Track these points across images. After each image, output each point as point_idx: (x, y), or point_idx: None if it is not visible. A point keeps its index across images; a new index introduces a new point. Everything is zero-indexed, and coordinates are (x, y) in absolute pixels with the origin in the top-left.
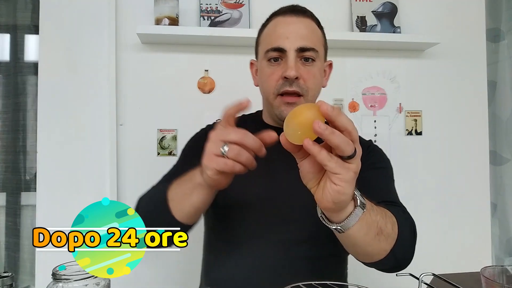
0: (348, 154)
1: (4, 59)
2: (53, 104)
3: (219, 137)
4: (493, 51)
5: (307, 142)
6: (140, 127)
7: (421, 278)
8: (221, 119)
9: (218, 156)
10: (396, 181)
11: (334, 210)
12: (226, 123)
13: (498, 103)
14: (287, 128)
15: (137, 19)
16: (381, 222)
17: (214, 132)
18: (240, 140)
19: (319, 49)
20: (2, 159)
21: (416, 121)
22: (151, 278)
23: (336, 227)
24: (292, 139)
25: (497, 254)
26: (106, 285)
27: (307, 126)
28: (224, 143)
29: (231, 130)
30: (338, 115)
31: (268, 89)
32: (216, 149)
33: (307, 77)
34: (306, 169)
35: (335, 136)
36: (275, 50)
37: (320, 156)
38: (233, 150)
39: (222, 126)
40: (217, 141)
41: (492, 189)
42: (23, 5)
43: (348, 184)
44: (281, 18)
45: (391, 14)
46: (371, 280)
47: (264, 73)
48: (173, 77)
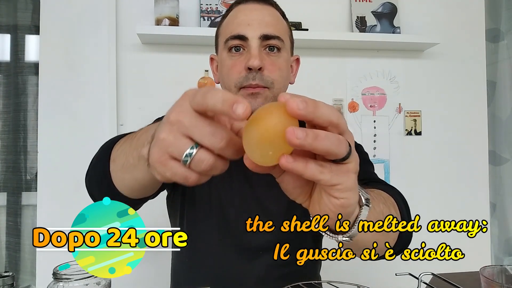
0: (342, 156)
1: (5, 59)
2: (54, 104)
3: (184, 130)
4: (492, 51)
5: (285, 161)
6: (140, 127)
7: (421, 277)
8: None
9: (176, 161)
10: (396, 181)
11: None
12: (202, 112)
13: (497, 103)
14: (250, 150)
15: (137, 20)
16: (385, 209)
17: (177, 118)
18: (220, 148)
19: (285, 38)
20: (3, 159)
21: (415, 121)
22: (151, 278)
23: (343, 239)
24: (263, 163)
25: (496, 254)
26: (106, 285)
27: (277, 141)
28: (191, 144)
29: (207, 125)
30: (314, 108)
31: (230, 82)
32: (176, 151)
33: (272, 68)
34: (290, 185)
35: (320, 140)
36: (236, 37)
37: (309, 173)
38: (203, 163)
39: (192, 112)
40: (179, 136)
41: (491, 189)
42: (23, 5)
43: (352, 192)
44: (243, 6)
45: (391, 14)
46: (371, 280)
47: (225, 65)
48: (173, 77)
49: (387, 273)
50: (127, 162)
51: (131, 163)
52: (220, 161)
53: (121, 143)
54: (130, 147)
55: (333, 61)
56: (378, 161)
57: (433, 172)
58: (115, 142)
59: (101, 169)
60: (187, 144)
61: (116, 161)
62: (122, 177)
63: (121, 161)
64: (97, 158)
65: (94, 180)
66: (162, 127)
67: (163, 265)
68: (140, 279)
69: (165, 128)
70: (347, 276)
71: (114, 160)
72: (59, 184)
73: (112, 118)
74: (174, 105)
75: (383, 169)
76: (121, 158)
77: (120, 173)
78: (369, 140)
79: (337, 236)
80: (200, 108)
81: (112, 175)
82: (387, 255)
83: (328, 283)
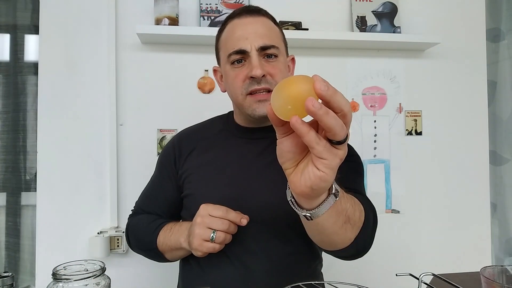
0: (340, 139)
1: (4, 59)
2: (53, 104)
3: (207, 225)
4: (493, 51)
5: (295, 121)
6: (140, 127)
7: (421, 278)
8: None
9: (207, 241)
10: (397, 181)
11: (309, 196)
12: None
13: (498, 103)
14: (275, 99)
15: (137, 19)
16: (350, 210)
17: (202, 220)
18: (227, 229)
19: (279, 45)
20: (2, 159)
21: (416, 121)
22: (151, 278)
23: (306, 213)
24: (280, 113)
25: (497, 254)
26: (106, 285)
27: (298, 102)
28: (212, 231)
29: (217, 220)
30: (334, 94)
31: (236, 90)
32: (206, 235)
33: (274, 72)
34: (286, 147)
35: (329, 117)
36: (237, 53)
37: (308, 137)
38: (221, 237)
39: (208, 216)
40: (205, 229)
41: (492, 189)
42: (23, 5)
43: (332, 171)
44: (237, 20)
45: (391, 14)
46: (371, 280)
47: (229, 76)
48: (173, 77)
49: (387, 273)
50: (172, 249)
51: (175, 249)
52: (228, 235)
53: (161, 240)
54: (170, 242)
55: (333, 61)
56: (379, 161)
57: (433, 172)
58: (150, 238)
59: (153, 254)
60: (210, 232)
61: (162, 247)
62: (170, 255)
63: (167, 250)
64: (142, 249)
65: (140, 250)
66: (195, 226)
67: (162, 265)
68: (140, 279)
69: (196, 227)
70: (347, 276)
71: (160, 246)
72: (59, 184)
73: (112, 118)
74: (197, 214)
75: (384, 169)
76: (167, 249)
77: (169, 254)
78: (369, 140)
79: (302, 210)
80: (222, 216)
81: (165, 255)
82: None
83: (328, 283)
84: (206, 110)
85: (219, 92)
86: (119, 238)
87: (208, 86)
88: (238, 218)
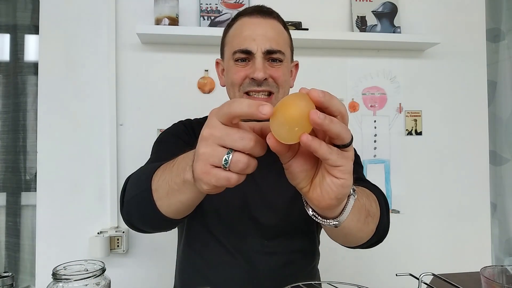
0: (347, 141)
1: (4, 59)
2: (53, 104)
3: (218, 141)
4: (493, 51)
5: (306, 138)
6: (140, 127)
7: (421, 278)
8: (217, 115)
9: (218, 168)
10: (397, 181)
11: (335, 206)
12: (229, 122)
13: (498, 103)
14: (278, 129)
15: (137, 19)
16: (367, 203)
17: (210, 132)
18: (250, 148)
19: (286, 51)
20: (2, 159)
21: (416, 121)
22: (151, 278)
23: (333, 222)
24: (289, 139)
25: (497, 254)
26: (106, 285)
27: (303, 120)
28: (226, 150)
29: (235, 132)
30: (330, 98)
31: (234, 86)
32: (216, 159)
33: (276, 75)
34: (298, 168)
35: (334, 124)
36: (243, 52)
37: (322, 151)
38: (240, 163)
39: (221, 125)
40: (215, 147)
41: (492, 189)
42: (23, 5)
43: (350, 175)
44: (248, 18)
45: (391, 14)
46: (371, 280)
47: (230, 71)
48: (173, 77)
49: (387, 273)
50: (171, 189)
51: (176, 189)
52: (252, 159)
53: (159, 173)
54: (171, 174)
55: (333, 61)
56: (379, 161)
57: (433, 172)
58: (147, 174)
59: (143, 199)
60: (223, 152)
61: (159, 190)
62: (168, 203)
63: (165, 189)
64: (134, 191)
65: (136, 210)
66: (199, 144)
67: (162, 265)
68: (139, 279)
69: (202, 144)
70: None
71: (156, 190)
72: (59, 184)
73: (112, 118)
74: (205, 124)
75: (384, 169)
76: (164, 186)
77: (165, 200)
78: (369, 140)
79: (328, 221)
80: (227, 117)
81: (157, 203)
82: (366, 244)
83: (328, 283)
84: (206, 110)
85: (219, 92)
86: (119, 238)
87: (208, 86)
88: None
